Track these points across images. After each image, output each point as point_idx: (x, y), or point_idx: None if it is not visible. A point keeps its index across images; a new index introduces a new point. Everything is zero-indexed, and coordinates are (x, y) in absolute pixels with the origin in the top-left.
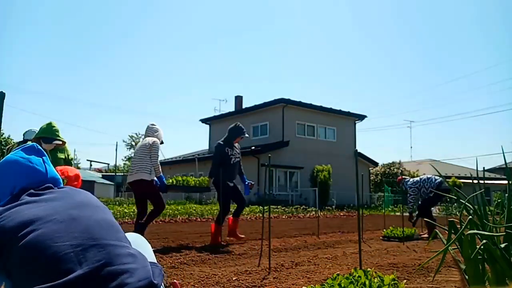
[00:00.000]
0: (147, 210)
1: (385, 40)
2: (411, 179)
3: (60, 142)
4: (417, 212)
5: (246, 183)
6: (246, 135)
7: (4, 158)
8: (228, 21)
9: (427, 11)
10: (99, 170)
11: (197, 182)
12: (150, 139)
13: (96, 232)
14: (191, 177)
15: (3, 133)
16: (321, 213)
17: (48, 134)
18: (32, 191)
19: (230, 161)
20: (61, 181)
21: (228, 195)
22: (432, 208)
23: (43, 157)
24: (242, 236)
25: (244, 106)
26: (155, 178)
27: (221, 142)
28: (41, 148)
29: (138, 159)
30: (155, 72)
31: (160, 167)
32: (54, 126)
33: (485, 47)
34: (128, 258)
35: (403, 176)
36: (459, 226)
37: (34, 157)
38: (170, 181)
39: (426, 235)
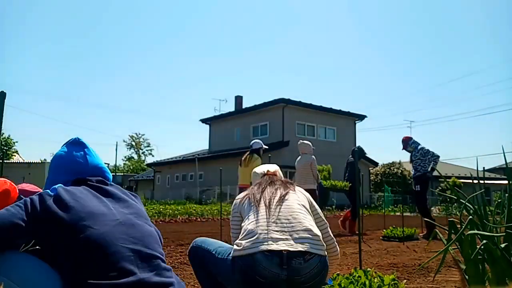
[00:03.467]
0: None
1: (385, 40)
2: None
3: None
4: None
5: None
6: (366, 154)
7: (54, 155)
8: (227, 21)
9: (428, 11)
10: None
11: (342, 185)
12: (311, 158)
13: (149, 242)
14: (339, 181)
15: (4, 133)
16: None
17: None
18: (90, 183)
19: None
20: (107, 168)
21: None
22: (432, 208)
23: (85, 149)
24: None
25: (244, 106)
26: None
27: (352, 159)
28: (83, 140)
29: (304, 173)
30: (155, 72)
31: (319, 176)
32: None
33: (486, 47)
34: (169, 272)
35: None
36: (459, 226)
37: (77, 150)
38: (325, 183)
39: (422, 234)
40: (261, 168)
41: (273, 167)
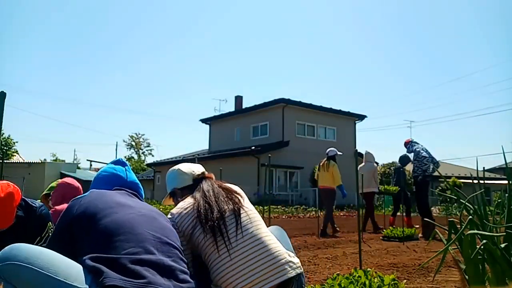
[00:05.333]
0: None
1: (385, 40)
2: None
3: None
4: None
5: None
6: (413, 162)
7: (99, 171)
8: (228, 22)
9: (427, 11)
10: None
11: (393, 189)
12: (374, 166)
13: (169, 234)
14: (389, 186)
15: (4, 133)
16: (321, 213)
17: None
18: (124, 190)
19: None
20: (141, 186)
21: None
22: (432, 208)
23: (126, 167)
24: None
25: (244, 106)
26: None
27: (400, 165)
28: (124, 160)
29: (368, 178)
30: (155, 72)
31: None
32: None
33: (485, 47)
34: (185, 265)
35: (411, 139)
36: (459, 226)
37: (119, 167)
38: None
39: (421, 234)
40: (188, 167)
41: (201, 168)
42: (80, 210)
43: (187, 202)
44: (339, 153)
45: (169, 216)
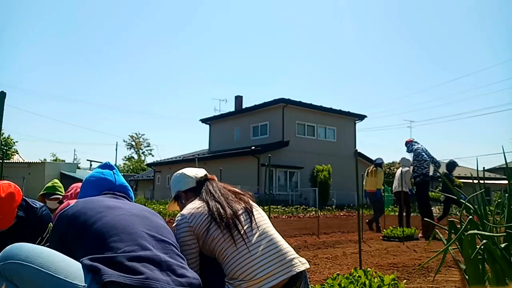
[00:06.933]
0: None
1: (385, 40)
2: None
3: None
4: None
5: None
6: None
7: (87, 176)
8: (227, 22)
9: (428, 11)
10: None
11: (436, 195)
12: (405, 169)
13: (163, 232)
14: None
15: (4, 133)
16: (321, 213)
17: (49, 190)
18: (112, 194)
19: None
20: (130, 188)
21: None
22: (432, 208)
23: (113, 170)
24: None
25: (244, 106)
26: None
27: (447, 172)
28: (112, 164)
29: (400, 180)
30: (155, 72)
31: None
32: (56, 183)
33: (485, 47)
34: (183, 260)
35: (412, 139)
36: (459, 226)
37: (107, 170)
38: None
39: (421, 234)
40: (191, 171)
41: (204, 171)
42: (68, 221)
43: (196, 203)
44: (385, 162)
45: (178, 217)
